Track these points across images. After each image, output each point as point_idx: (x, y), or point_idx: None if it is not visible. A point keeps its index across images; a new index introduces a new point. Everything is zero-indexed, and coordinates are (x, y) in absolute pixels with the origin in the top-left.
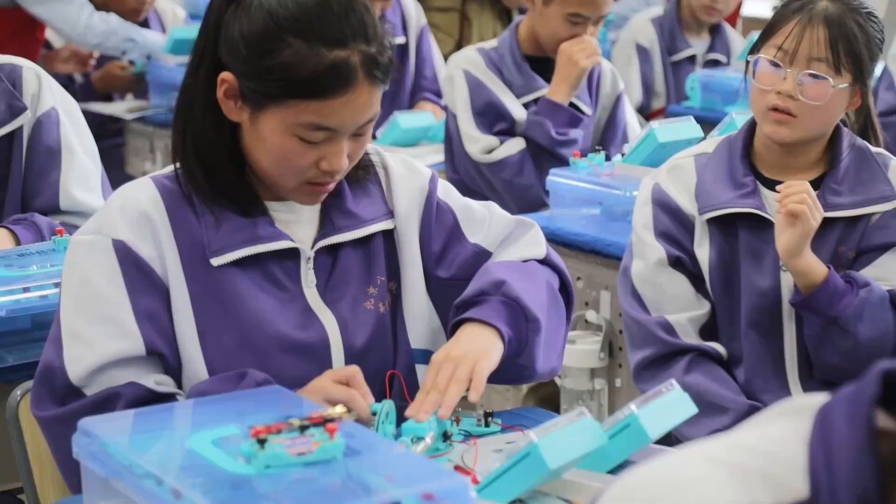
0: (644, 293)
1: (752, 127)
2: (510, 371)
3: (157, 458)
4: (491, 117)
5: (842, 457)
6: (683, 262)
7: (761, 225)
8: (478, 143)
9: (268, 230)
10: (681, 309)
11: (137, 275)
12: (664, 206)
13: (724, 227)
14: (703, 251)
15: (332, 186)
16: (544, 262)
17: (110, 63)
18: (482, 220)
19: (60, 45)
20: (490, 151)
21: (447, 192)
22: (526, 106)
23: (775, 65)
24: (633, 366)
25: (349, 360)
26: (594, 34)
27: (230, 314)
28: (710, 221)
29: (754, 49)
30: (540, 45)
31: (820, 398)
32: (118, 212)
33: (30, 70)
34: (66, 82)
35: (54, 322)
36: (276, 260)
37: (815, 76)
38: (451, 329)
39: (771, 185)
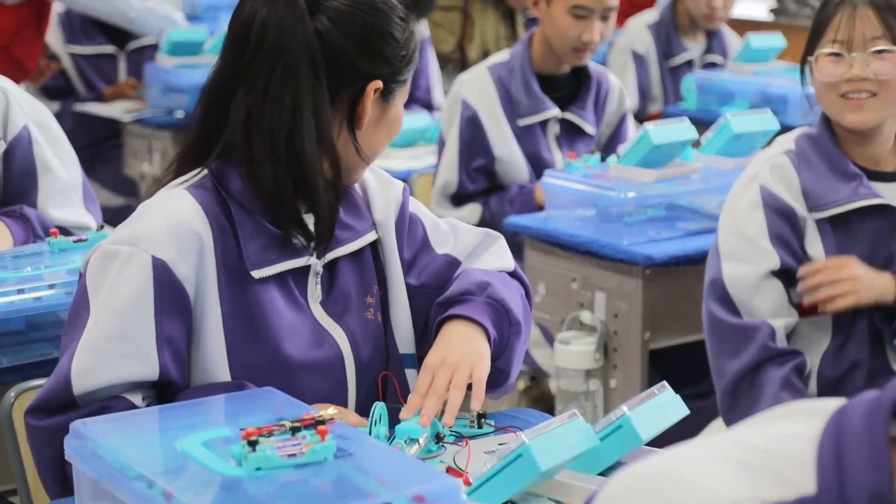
0: (741, 299)
1: (827, 123)
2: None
3: (148, 460)
4: (474, 150)
5: (855, 452)
6: (789, 272)
7: (885, 213)
8: (446, 187)
9: (298, 245)
10: (776, 316)
11: (169, 297)
12: (776, 209)
13: (841, 223)
14: (817, 250)
15: None
16: (513, 274)
17: (122, 83)
18: (447, 236)
19: (60, 48)
20: (450, 197)
21: (416, 206)
22: (529, 127)
23: (836, 55)
24: (733, 374)
25: (358, 373)
26: (605, 33)
27: (259, 333)
28: (823, 219)
29: (806, 54)
30: (552, 62)
31: (831, 403)
32: (164, 227)
33: None
34: (70, 90)
35: (71, 329)
36: (292, 275)
37: (879, 51)
38: (435, 327)
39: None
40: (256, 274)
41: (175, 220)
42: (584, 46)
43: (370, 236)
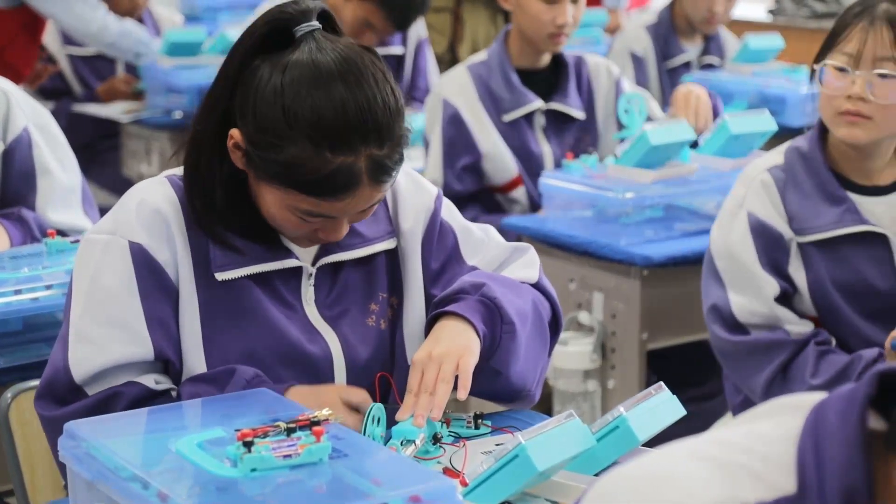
0: (754, 325)
1: (822, 134)
2: (482, 376)
3: (142, 460)
4: (459, 150)
5: (833, 450)
6: (786, 295)
7: (877, 240)
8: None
9: (274, 248)
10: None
11: (151, 279)
12: (765, 234)
13: (829, 248)
14: (801, 275)
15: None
16: (536, 286)
17: (116, 78)
18: (480, 244)
19: (57, 49)
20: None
21: (450, 212)
22: (515, 122)
23: (842, 70)
24: (762, 385)
25: (351, 375)
26: (576, 15)
27: (238, 325)
28: (810, 243)
29: (818, 58)
30: (530, 57)
31: (813, 397)
32: (135, 212)
33: None
34: (67, 91)
35: (63, 320)
36: (278, 275)
37: (883, 76)
38: (427, 324)
39: (854, 189)
40: (219, 276)
41: (144, 205)
42: (560, 30)
43: (383, 244)
